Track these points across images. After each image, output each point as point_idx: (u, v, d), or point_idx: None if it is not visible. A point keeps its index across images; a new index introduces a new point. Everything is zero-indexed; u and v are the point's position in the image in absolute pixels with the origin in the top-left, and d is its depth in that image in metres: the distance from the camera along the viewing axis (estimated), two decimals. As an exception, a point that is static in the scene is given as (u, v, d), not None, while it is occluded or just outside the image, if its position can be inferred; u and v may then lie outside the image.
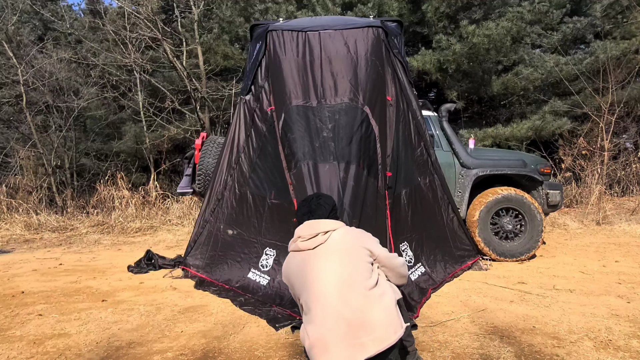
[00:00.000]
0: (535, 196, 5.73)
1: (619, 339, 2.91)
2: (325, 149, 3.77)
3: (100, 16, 11.87)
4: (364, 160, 3.83)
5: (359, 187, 3.64)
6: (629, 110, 10.29)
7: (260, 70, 4.62)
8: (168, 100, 11.07)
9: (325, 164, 3.69)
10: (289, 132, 4.06)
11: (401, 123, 4.53)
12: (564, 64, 9.93)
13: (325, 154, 3.75)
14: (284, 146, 4.09)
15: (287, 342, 2.98)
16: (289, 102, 4.14)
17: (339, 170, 3.64)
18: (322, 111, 4.01)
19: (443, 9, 9.69)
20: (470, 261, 4.87)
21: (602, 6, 10.19)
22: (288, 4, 10.12)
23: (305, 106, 4.05)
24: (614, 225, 7.63)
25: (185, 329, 3.25)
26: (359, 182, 3.67)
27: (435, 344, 2.89)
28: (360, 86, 4.13)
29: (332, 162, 3.69)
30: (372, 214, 3.66)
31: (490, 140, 10.20)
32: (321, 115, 3.98)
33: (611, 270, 4.83)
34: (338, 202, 3.41)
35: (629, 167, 9.86)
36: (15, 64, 10.48)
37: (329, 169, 3.65)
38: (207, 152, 5.22)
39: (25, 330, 3.29)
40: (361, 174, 3.74)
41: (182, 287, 4.43)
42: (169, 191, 10.40)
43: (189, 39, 10.93)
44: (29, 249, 7.15)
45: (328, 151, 3.76)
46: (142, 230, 8.38)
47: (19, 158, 10.64)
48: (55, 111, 11.37)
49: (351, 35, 4.36)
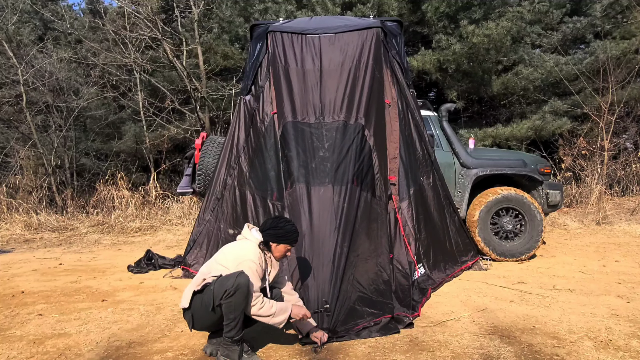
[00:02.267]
0: (535, 196, 5.73)
1: (619, 339, 2.91)
2: (321, 171, 3.78)
3: (100, 16, 11.87)
4: (357, 177, 3.83)
5: (351, 207, 3.66)
6: (629, 110, 10.29)
7: (260, 71, 4.63)
8: (168, 100, 11.07)
9: (321, 187, 3.70)
10: (285, 148, 4.08)
11: (402, 123, 4.54)
12: (564, 63, 9.92)
13: (321, 175, 3.76)
14: (282, 161, 4.13)
15: (287, 342, 2.99)
16: (287, 116, 4.15)
17: (334, 194, 3.65)
18: (319, 129, 4.03)
19: (443, 9, 9.68)
20: (470, 261, 4.87)
21: (602, 6, 10.18)
22: (288, 3, 10.11)
23: (303, 122, 4.08)
24: (614, 225, 7.63)
25: (185, 329, 3.25)
26: (352, 202, 3.68)
27: (435, 344, 2.89)
28: (358, 99, 4.15)
29: (327, 185, 3.70)
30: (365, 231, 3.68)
31: (490, 140, 10.19)
32: (318, 134, 4.00)
33: (611, 270, 4.83)
34: (331, 228, 3.47)
35: (629, 167, 9.85)
36: (15, 64, 10.47)
37: (324, 193, 3.66)
38: (207, 152, 5.22)
39: (25, 330, 3.29)
40: (355, 191, 3.75)
41: (182, 287, 4.43)
42: (169, 191, 10.40)
43: (189, 38, 10.93)
44: (29, 248, 7.15)
45: (324, 173, 3.77)
46: (142, 230, 8.37)
47: (19, 158, 10.64)
48: (55, 111, 11.36)
49: (350, 39, 4.37)
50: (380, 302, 3.35)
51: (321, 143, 3.95)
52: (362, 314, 3.21)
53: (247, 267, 2.58)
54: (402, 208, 4.25)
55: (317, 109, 4.12)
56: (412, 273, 4.01)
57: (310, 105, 4.14)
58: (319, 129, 4.02)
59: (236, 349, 2.60)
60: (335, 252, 3.36)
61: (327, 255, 3.35)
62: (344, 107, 4.09)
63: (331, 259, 3.32)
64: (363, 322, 3.15)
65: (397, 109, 4.52)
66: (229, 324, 2.54)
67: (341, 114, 4.07)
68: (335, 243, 3.41)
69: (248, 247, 2.74)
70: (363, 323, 3.14)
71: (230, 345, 2.59)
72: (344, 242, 3.44)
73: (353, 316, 3.17)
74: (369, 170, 3.95)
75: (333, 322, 3.06)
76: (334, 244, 3.41)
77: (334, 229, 3.48)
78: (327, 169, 3.78)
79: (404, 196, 4.31)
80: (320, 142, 3.95)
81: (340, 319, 3.10)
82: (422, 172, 4.63)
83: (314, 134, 4.00)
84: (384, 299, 3.40)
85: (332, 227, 3.49)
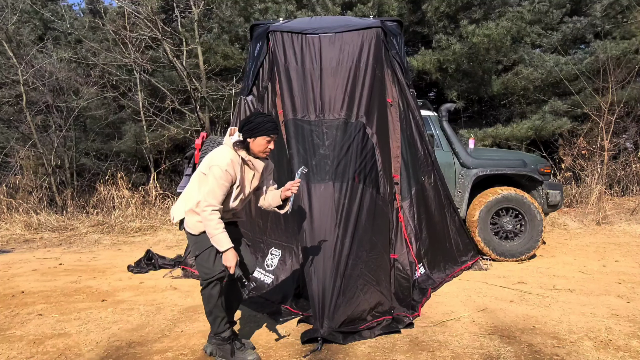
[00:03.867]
0: (535, 196, 5.73)
1: (619, 339, 2.92)
2: (322, 168, 3.79)
3: (100, 16, 11.87)
4: (359, 173, 3.84)
5: (352, 204, 3.66)
6: (629, 110, 10.28)
7: (263, 72, 4.63)
8: (168, 100, 11.06)
9: (321, 184, 3.70)
10: (286, 146, 4.10)
11: (403, 123, 4.55)
12: (564, 63, 9.92)
13: (321, 173, 3.77)
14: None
15: (287, 342, 2.99)
16: (287, 114, 4.17)
17: (334, 190, 3.66)
18: (320, 127, 4.04)
19: (443, 9, 9.68)
20: (470, 261, 4.88)
21: (602, 6, 10.18)
22: (288, 3, 10.10)
23: (303, 120, 4.08)
24: (614, 225, 7.63)
25: (185, 329, 3.25)
26: (353, 198, 3.68)
27: (435, 344, 2.89)
28: (358, 98, 4.16)
29: (327, 182, 3.70)
30: (369, 226, 3.68)
31: (490, 140, 10.19)
32: (319, 131, 4.01)
33: (611, 270, 4.83)
34: (332, 224, 3.47)
35: (629, 167, 9.85)
36: (15, 64, 10.46)
37: (324, 190, 3.67)
38: (207, 152, 5.22)
39: (25, 330, 3.29)
40: (356, 187, 3.74)
41: (182, 287, 4.43)
42: (169, 191, 10.39)
43: (189, 38, 10.92)
44: (29, 248, 7.15)
45: (324, 170, 3.77)
46: (142, 230, 8.37)
47: (19, 158, 10.62)
48: (55, 111, 11.35)
49: (351, 39, 4.37)
50: (382, 302, 3.36)
51: (321, 141, 3.95)
52: (363, 313, 3.21)
53: (212, 174, 2.52)
54: (404, 207, 4.27)
55: (318, 107, 4.12)
56: (413, 273, 4.02)
57: (310, 103, 4.14)
58: (319, 126, 4.03)
59: (228, 347, 2.65)
60: (335, 247, 3.37)
61: (328, 250, 3.36)
62: (345, 105, 4.10)
63: (332, 255, 3.34)
64: (364, 323, 3.15)
65: (397, 109, 4.53)
66: (212, 322, 2.68)
67: (342, 112, 4.08)
68: (335, 238, 3.42)
69: (219, 151, 2.64)
70: (366, 324, 3.14)
71: (222, 344, 2.67)
72: (345, 237, 3.45)
73: (354, 315, 3.17)
74: (372, 167, 3.95)
75: (333, 318, 3.06)
76: (335, 239, 3.42)
77: (335, 225, 3.48)
78: (328, 167, 3.79)
79: (406, 195, 4.33)
80: (320, 139, 3.96)
81: (340, 316, 3.10)
82: (424, 172, 4.64)
83: (314, 132, 4.01)
84: (386, 298, 3.41)
85: (333, 222, 3.49)
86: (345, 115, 4.07)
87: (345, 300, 3.20)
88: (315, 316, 3.07)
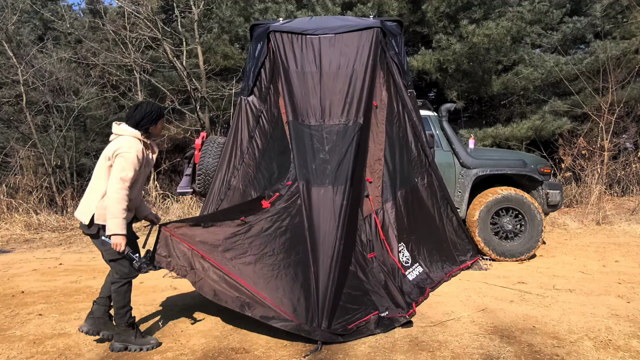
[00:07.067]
0: (535, 196, 5.73)
1: (618, 339, 2.92)
2: (322, 172, 3.81)
3: (100, 16, 11.85)
4: (355, 176, 3.87)
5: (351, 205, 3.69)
6: (629, 110, 10.28)
7: (264, 72, 4.63)
8: (168, 100, 11.06)
9: (321, 187, 3.73)
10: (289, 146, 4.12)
11: (395, 125, 4.55)
12: (564, 63, 9.92)
13: (321, 177, 3.79)
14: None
15: (287, 342, 2.99)
16: (288, 117, 4.18)
17: (334, 194, 3.68)
18: (320, 131, 4.06)
19: (443, 9, 9.68)
20: (470, 261, 4.87)
21: (602, 6, 10.18)
22: (288, 3, 10.11)
23: (303, 124, 4.10)
24: (614, 225, 7.63)
25: (185, 329, 3.25)
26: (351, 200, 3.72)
27: (435, 344, 2.89)
28: (357, 101, 4.17)
29: (327, 186, 3.72)
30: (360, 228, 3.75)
31: (490, 140, 10.19)
32: (319, 136, 4.04)
33: (611, 270, 4.83)
34: (333, 226, 3.50)
35: (629, 167, 9.85)
36: (15, 64, 10.46)
37: (324, 193, 3.69)
38: (207, 152, 5.21)
39: (25, 330, 3.29)
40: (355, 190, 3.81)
41: (182, 287, 4.43)
42: (169, 191, 10.39)
43: (189, 38, 10.92)
44: (29, 248, 7.15)
45: (324, 174, 3.80)
46: (142, 230, 8.36)
47: (19, 158, 10.62)
48: (55, 111, 11.35)
49: (350, 40, 4.38)
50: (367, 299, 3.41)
51: (322, 145, 3.98)
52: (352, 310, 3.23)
53: (123, 158, 2.74)
54: (386, 209, 4.25)
55: (318, 112, 4.16)
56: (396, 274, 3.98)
57: (310, 108, 4.17)
58: (319, 131, 4.06)
59: (132, 332, 2.92)
60: (335, 249, 3.39)
61: (327, 251, 3.37)
62: (345, 111, 4.13)
63: (331, 256, 3.35)
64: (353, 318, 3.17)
65: (385, 111, 4.52)
66: (123, 315, 2.91)
67: (342, 118, 4.11)
68: (335, 238, 3.44)
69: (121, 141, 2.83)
70: (356, 321, 3.15)
71: (125, 330, 2.91)
72: (342, 238, 3.47)
73: (345, 311, 3.20)
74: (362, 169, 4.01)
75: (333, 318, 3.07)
76: (334, 240, 3.43)
77: (334, 227, 3.50)
78: (328, 171, 3.81)
79: (388, 197, 4.30)
80: (320, 144, 3.99)
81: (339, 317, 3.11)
82: (417, 173, 4.64)
83: (315, 136, 4.03)
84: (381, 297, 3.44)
85: (333, 224, 3.51)
86: (345, 121, 4.10)
87: (345, 300, 3.20)
88: (316, 316, 3.07)
